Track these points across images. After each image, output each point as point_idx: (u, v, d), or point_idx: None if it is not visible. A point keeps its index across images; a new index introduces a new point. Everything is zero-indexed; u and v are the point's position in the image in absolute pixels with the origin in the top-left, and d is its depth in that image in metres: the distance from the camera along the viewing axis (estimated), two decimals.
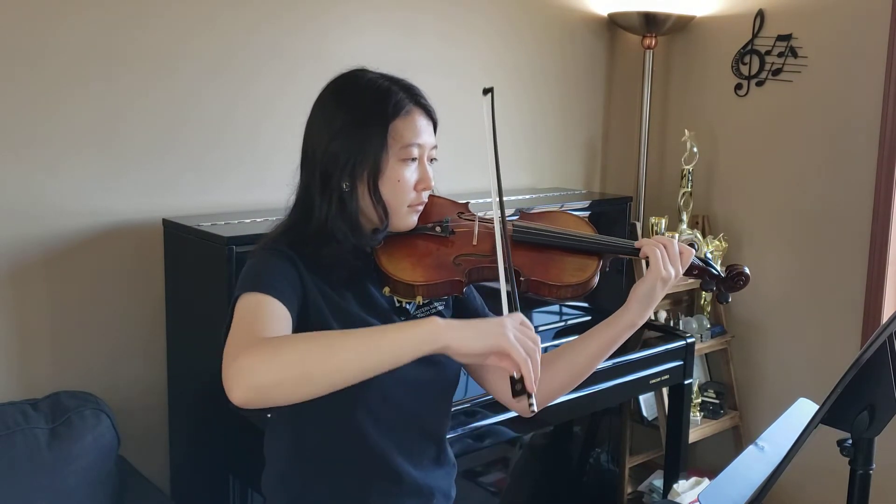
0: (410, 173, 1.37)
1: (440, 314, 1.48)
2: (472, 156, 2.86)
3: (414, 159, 1.37)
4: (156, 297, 2.28)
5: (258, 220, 2.19)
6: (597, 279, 1.42)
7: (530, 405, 1.11)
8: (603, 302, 2.83)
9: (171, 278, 2.23)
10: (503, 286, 1.26)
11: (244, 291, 1.24)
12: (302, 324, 1.30)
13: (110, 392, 2.18)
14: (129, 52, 2.17)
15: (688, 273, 1.45)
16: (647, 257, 1.40)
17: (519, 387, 1.09)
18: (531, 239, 1.44)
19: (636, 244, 1.43)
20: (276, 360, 1.06)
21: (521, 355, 1.09)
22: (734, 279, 1.46)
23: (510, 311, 1.20)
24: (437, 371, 1.42)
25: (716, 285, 1.48)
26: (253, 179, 2.41)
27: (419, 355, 1.08)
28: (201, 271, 2.11)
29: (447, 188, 1.55)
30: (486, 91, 1.33)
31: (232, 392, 1.06)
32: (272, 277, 1.27)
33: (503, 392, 1.53)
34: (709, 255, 1.50)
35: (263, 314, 1.20)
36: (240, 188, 2.40)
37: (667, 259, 1.39)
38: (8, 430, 1.87)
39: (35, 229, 2.09)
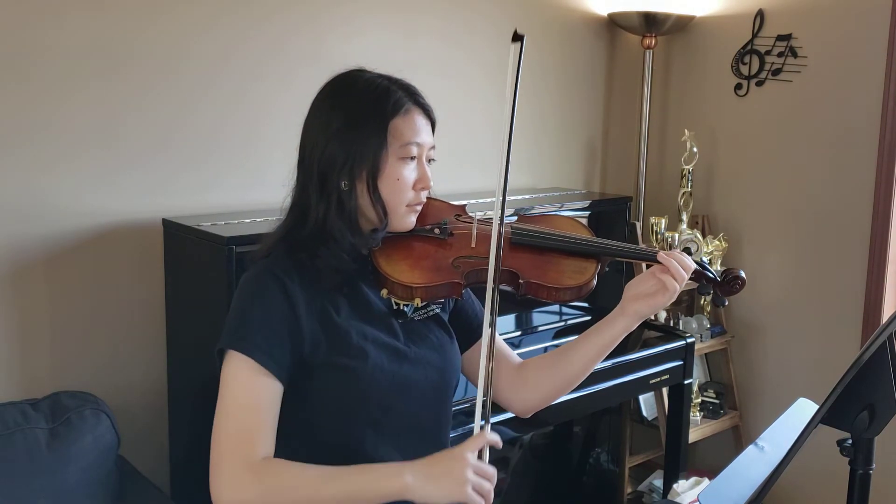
0: (409, 172, 1.36)
1: (437, 317, 1.48)
2: (470, 156, 2.87)
3: (413, 158, 1.36)
4: (156, 297, 2.27)
5: (258, 220, 2.19)
6: (595, 282, 1.42)
7: None
8: (603, 302, 2.82)
9: (171, 278, 2.23)
10: (488, 301, 1.26)
11: (233, 346, 1.28)
12: (295, 356, 1.30)
13: (110, 392, 2.18)
14: (129, 52, 2.17)
15: None
16: (664, 276, 1.38)
17: None
18: (529, 241, 1.44)
19: (662, 257, 1.40)
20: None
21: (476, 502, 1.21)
22: (730, 283, 1.46)
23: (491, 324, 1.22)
24: (438, 376, 1.42)
25: (712, 289, 1.47)
26: (253, 179, 2.41)
27: (387, 500, 1.22)
28: (201, 271, 2.11)
29: (445, 188, 1.55)
30: (517, 38, 1.25)
31: None
32: (260, 331, 1.28)
33: (500, 393, 1.54)
34: (705, 260, 1.49)
35: (258, 409, 1.28)
36: (240, 188, 2.40)
37: (681, 287, 1.40)
38: (8, 430, 1.87)
39: (35, 229, 2.09)
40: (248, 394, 1.27)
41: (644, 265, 1.44)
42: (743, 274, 1.46)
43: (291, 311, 1.30)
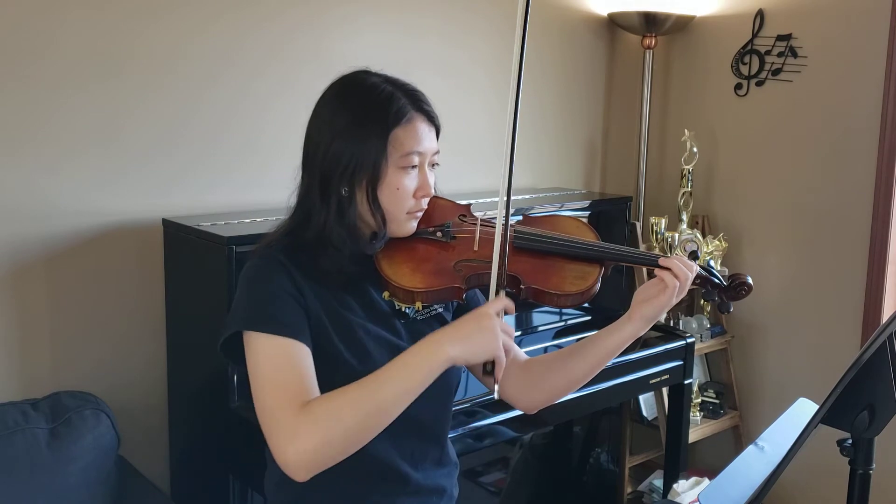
0: (410, 181, 1.35)
1: (440, 316, 1.48)
2: (470, 156, 2.87)
3: (414, 167, 1.36)
4: (156, 297, 2.28)
5: (258, 220, 2.19)
6: (598, 287, 1.40)
7: (496, 388, 1.29)
8: (603, 302, 2.82)
9: (171, 278, 2.23)
10: (494, 276, 1.28)
11: (253, 327, 1.27)
12: (308, 324, 1.31)
13: (110, 392, 2.18)
14: (129, 52, 2.17)
15: None
16: (666, 274, 1.37)
17: (490, 368, 1.27)
18: (532, 245, 1.43)
19: (662, 261, 1.40)
20: (337, 434, 1.19)
21: (502, 358, 1.26)
22: (737, 289, 1.43)
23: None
24: (440, 375, 1.42)
25: (718, 294, 1.45)
26: (253, 179, 2.41)
27: (439, 373, 1.24)
28: (201, 271, 2.11)
29: (447, 188, 1.55)
30: None
31: (296, 475, 1.21)
32: (277, 308, 1.28)
33: (506, 389, 1.53)
34: (711, 263, 1.48)
35: (291, 366, 1.26)
36: (240, 188, 2.40)
37: (685, 289, 1.39)
38: (8, 430, 1.87)
39: (35, 229, 2.09)
40: (280, 356, 1.26)
41: (645, 271, 1.44)
42: (750, 280, 1.43)
43: (297, 290, 1.31)
